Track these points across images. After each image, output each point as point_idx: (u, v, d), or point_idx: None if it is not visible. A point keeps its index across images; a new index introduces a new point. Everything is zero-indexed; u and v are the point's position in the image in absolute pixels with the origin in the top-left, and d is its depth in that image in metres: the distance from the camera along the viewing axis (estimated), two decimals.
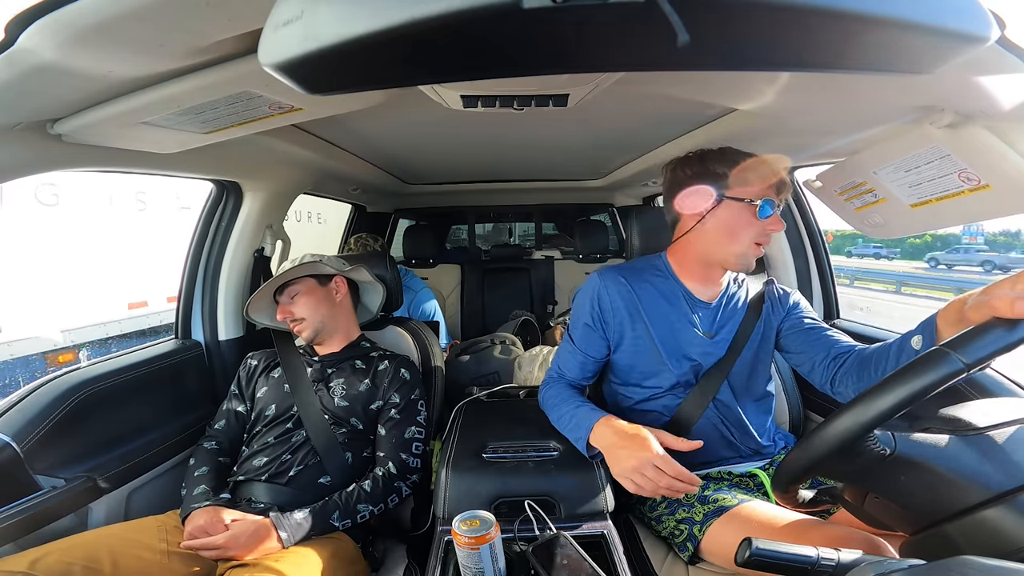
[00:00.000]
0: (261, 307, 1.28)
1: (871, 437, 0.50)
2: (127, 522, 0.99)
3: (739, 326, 1.03)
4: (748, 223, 0.93)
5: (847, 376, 0.91)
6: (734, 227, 0.94)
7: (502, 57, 0.35)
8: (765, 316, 1.06)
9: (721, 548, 0.84)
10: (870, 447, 0.50)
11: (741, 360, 1.02)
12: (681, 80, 0.92)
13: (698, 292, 1.04)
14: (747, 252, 0.95)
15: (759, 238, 0.94)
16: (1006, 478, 0.46)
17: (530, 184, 2.40)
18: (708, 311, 1.04)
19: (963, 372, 0.46)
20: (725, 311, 1.05)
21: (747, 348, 1.02)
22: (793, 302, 1.08)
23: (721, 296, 1.06)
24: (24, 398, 1.01)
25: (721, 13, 0.30)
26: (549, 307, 2.80)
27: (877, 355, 0.86)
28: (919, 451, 0.50)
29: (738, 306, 1.06)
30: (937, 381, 0.47)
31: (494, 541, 0.69)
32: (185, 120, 0.79)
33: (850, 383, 0.90)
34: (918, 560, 0.41)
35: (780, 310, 1.07)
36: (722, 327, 1.03)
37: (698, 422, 1.00)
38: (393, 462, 1.09)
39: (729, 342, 1.02)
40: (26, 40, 0.52)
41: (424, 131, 1.35)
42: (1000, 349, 0.47)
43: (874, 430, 0.49)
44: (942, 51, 0.37)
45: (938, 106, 0.79)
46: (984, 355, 0.47)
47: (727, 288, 1.07)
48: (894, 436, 0.50)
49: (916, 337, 0.77)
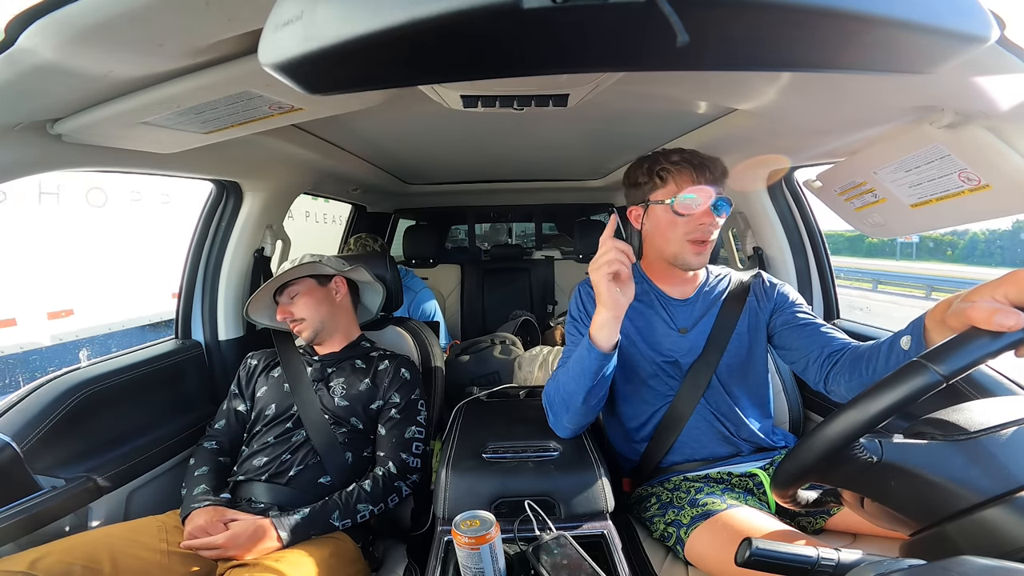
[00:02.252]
0: (261, 307, 1.28)
1: (857, 445, 0.50)
2: (127, 522, 0.99)
3: (715, 319, 1.05)
4: (672, 223, 0.97)
5: (839, 375, 0.91)
6: (663, 229, 0.99)
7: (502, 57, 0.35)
8: (750, 308, 1.06)
9: (703, 553, 0.84)
10: (857, 455, 0.50)
11: (730, 353, 1.03)
12: (681, 80, 0.92)
13: (670, 291, 1.08)
14: (681, 251, 0.98)
15: (692, 235, 0.96)
16: (993, 483, 0.46)
17: (530, 184, 2.40)
18: (683, 308, 1.07)
19: (941, 383, 0.46)
20: (701, 306, 1.07)
21: (734, 341, 1.03)
22: (781, 294, 1.08)
23: (697, 292, 1.09)
24: (24, 398, 1.01)
25: (721, 13, 0.30)
26: (549, 307, 2.80)
27: (868, 354, 0.86)
28: (906, 457, 0.50)
29: (717, 300, 1.08)
30: (915, 393, 0.47)
31: (494, 541, 0.69)
32: (185, 120, 0.79)
33: (842, 382, 0.90)
34: (918, 560, 0.41)
35: (767, 303, 1.07)
36: (697, 322, 1.06)
37: (691, 417, 1.02)
38: (393, 462, 1.09)
39: (707, 335, 1.04)
40: (26, 40, 0.52)
41: (424, 131, 1.35)
42: (977, 360, 0.47)
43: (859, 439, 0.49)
44: (942, 51, 0.37)
45: (938, 106, 0.79)
46: (961, 367, 0.46)
47: (704, 284, 1.10)
48: (881, 443, 0.50)
49: (905, 338, 0.77)
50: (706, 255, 0.99)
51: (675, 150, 1.00)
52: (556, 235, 4.12)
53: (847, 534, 0.95)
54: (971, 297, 0.56)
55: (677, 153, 0.98)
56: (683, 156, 0.97)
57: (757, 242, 1.60)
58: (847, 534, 0.95)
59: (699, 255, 0.98)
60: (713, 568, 0.82)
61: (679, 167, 0.96)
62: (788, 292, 1.09)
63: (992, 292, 0.52)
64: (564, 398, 0.95)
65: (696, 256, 0.98)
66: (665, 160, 0.98)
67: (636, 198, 1.04)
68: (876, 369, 0.82)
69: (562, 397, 0.96)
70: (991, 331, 0.47)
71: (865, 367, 0.85)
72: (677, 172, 0.96)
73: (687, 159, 0.96)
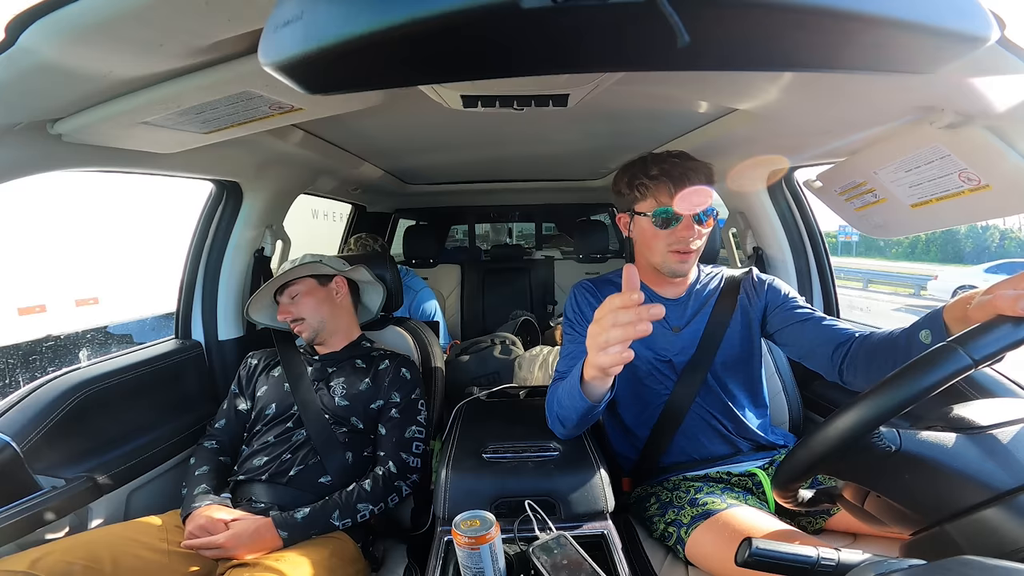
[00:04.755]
0: (261, 307, 1.28)
1: (876, 434, 0.50)
2: (127, 522, 0.99)
3: (708, 317, 1.06)
4: (654, 235, 0.98)
5: (855, 368, 0.89)
6: (648, 239, 1.00)
7: (502, 57, 0.35)
8: (743, 305, 1.07)
9: (703, 553, 0.84)
10: (875, 444, 0.50)
11: (724, 351, 1.03)
12: (681, 80, 0.92)
13: (662, 291, 1.09)
14: (664, 261, 0.99)
15: (673, 246, 0.97)
16: (1010, 476, 0.46)
17: (530, 184, 2.40)
18: (675, 307, 1.08)
19: (971, 368, 0.47)
20: (693, 305, 1.08)
21: (728, 338, 1.04)
22: (772, 288, 1.08)
23: (688, 291, 1.09)
24: (24, 398, 1.01)
25: (721, 13, 0.30)
26: (549, 307, 2.80)
27: (885, 348, 0.85)
28: (924, 448, 0.50)
29: (710, 299, 1.08)
30: (945, 377, 0.47)
31: (494, 541, 0.69)
32: (185, 120, 0.79)
33: (859, 374, 0.89)
34: (918, 560, 0.41)
35: (758, 299, 1.08)
36: (691, 320, 1.06)
37: (687, 415, 1.02)
38: (393, 461, 1.09)
39: (700, 333, 1.04)
40: (26, 40, 0.52)
41: (424, 131, 1.35)
42: (1007, 346, 0.48)
43: (880, 427, 0.49)
44: (942, 51, 0.37)
45: (938, 106, 0.79)
46: (992, 351, 0.48)
47: (695, 283, 1.11)
48: (899, 433, 0.50)
49: (924, 331, 0.77)
50: (691, 262, 1.00)
51: (657, 158, 0.98)
52: (556, 235, 4.12)
53: (847, 534, 0.95)
54: (993, 290, 0.58)
55: (657, 165, 0.96)
56: (662, 169, 0.95)
57: (757, 242, 1.60)
58: (847, 534, 0.95)
59: (683, 263, 0.99)
60: (713, 568, 0.82)
61: (656, 181, 0.95)
62: (779, 287, 1.09)
63: (1015, 284, 0.55)
64: (559, 414, 0.95)
65: (681, 264, 0.99)
66: (643, 174, 0.97)
67: (622, 206, 1.04)
68: (896, 362, 0.80)
69: (556, 412, 0.96)
70: (1018, 317, 0.48)
71: (883, 360, 0.84)
72: (655, 187, 0.95)
73: (666, 172, 0.94)
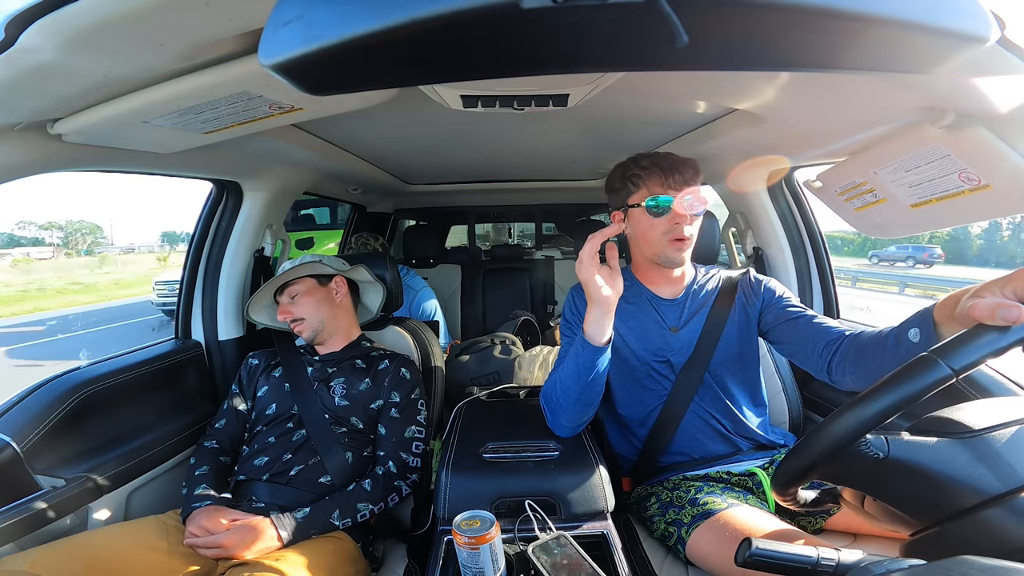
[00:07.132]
0: (261, 307, 1.28)
1: (864, 441, 0.50)
2: (127, 522, 1.00)
3: (707, 317, 1.07)
4: (650, 224, 1.01)
5: (843, 366, 0.90)
6: (644, 230, 1.03)
7: (502, 57, 0.35)
8: (740, 305, 1.08)
9: (704, 553, 0.84)
10: (863, 451, 0.50)
11: (722, 350, 1.04)
12: (681, 80, 0.92)
13: (660, 291, 1.11)
14: (663, 251, 1.02)
15: (669, 233, 0.99)
16: (999, 481, 0.46)
17: (530, 184, 2.40)
18: (673, 307, 1.09)
19: (951, 378, 0.46)
20: (692, 305, 1.09)
21: (725, 338, 1.05)
22: (768, 288, 1.09)
23: (686, 291, 1.11)
24: (24, 398, 1.01)
25: (721, 13, 0.30)
26: (549, 307, 2.80)
27: (873, 345, 0.84)
28: (912, 454, 0.50)
29: (708, 299, 1.10)
30: (926, 388, 0.47)
31: (494, 541, 0.69)
32: (185, 120, 0.79)
33: (848, 373, 0.89)
34: (918, 560, 0.41)
35: (755, 299, 1.09)
36: (689, 320, 1.08)
37: (686, 415, 1.03)
38: (393, 461, 1.09)
39: (698, 333, 1.06)
40: (26, 40, 0.52)
41: (424, 131, 1.35)
42: (986, 355, 0.47)
43: (867, 435, 0.49)
44: (942, 51, 0.37)
45: (938, 106, 0.79)
46: (971, 361, 0.47)
47: (693, 283, 1.12)
48: (887, 440, 0.50)
49: (914, 330, 0.77)
50: (687, 251, 1.02)
51: (646, 154, 1.03)
52: (556, 235, 4.12)
53: (847, 534, 0.95)
54: (979, 293, 0.56)
55: (647, 158, 1.02)
56: (652, 160, 1.01)
57: (757, 242, 1.60)
58: (847, 534, 0.95)
59: (680, 251, 1.01)
60: (714, 567, 0.82)
61: (648, 171, 1.00)
62: (775, 287, 1.10)
63: (1000, 288, 0.53)
64: (560, 396, 0.96)
65: (677, 252, 1.01)
66: (635, 166, 1.02)
67: (616, 203, 1.07)
68: (885, 360, 0.81)
69: (558, 395, 0.97)
70: (998, 326, 0.48)
71: (871, 358, 0.84)
72: (647, 176, 1.00)
73: (656, 162, 1.00)
